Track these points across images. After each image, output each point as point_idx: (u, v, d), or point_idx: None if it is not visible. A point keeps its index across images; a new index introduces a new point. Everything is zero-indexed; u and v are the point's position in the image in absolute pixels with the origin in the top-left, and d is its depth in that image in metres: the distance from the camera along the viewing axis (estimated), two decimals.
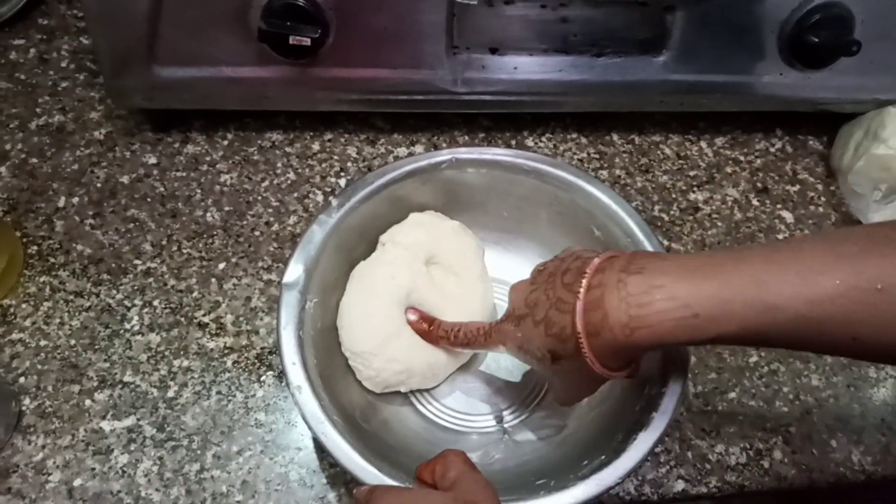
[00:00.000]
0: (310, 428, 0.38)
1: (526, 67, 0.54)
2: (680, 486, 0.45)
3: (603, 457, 0.38)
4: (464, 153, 0.48)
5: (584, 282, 0.34)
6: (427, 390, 0.47)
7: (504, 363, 0.48)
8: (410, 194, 0.48)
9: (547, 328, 0.35)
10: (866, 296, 0.29)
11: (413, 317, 0.45)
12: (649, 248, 0.45)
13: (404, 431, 0.45)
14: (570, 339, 0.34)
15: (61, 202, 0.54)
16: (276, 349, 0.48)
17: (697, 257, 0.33)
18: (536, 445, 0.44)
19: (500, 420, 0.46)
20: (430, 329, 0.44)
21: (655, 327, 0.32)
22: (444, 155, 0.48)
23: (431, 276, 0.46)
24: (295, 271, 0.43)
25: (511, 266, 0.51)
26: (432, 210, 0.49)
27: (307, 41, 0.49)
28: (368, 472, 0.37)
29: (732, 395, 0.49)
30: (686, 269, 0.32)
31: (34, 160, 0.56)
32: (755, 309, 0.30)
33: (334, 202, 0.45)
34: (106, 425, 0.45)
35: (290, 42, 0.49)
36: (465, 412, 0.46)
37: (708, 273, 0.31)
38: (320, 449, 0.43)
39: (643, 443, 0.38)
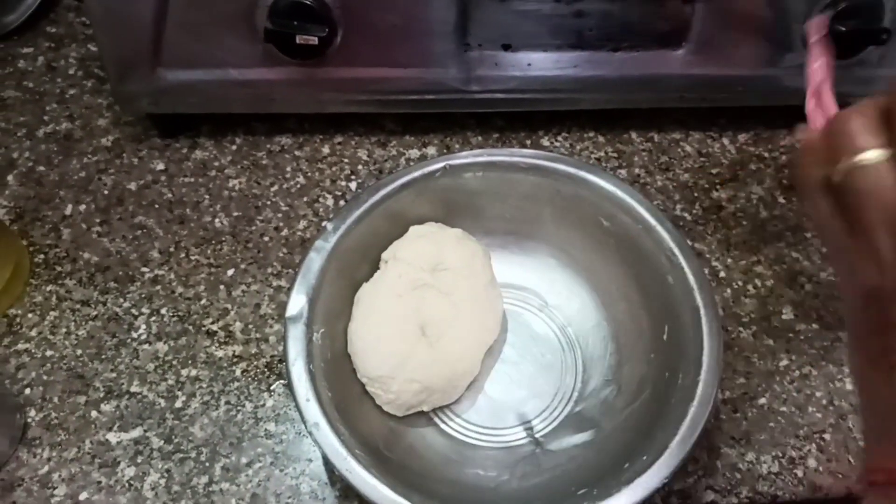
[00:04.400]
0: (333, 466, 0.36)
1: (540, 64, 0.52)
2: (709, 496, 0.43)
3: (645, 457, 0.36)
4: (457, 159, 0.46)
5: None
6: (448, 407, 0.45)
7: (526, 369, 0.46)
8: (407, 208, 0.46)
9: None
10: None
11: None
12: (662, 231, 0.43)
13: (431, 455, 0.43)
14: None
15: (68, 210, 0.53)
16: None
17: None
18: (572, 453, 0.42)
19: (530, 431, 0.44)
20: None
21: None
22: (438, 163, 0.46)
23: (440, 284, 0.44)
24: (297, 303, 0.41)
25: (519, 270, 0.49)
26: (432, 221, 0.47)
27: (314, 40, 0.48)
28: None
29: (762, 400, 0.46)
30: None
31: (41, 168, 0.55)
32: None
33: (329, 226, 0.44)
34: (112, 437, 0.44)
35: (297, 42, 0.48)
36: (491, 426, 0.44)
37: None
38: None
39: (686, 436, 0.36)
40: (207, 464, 0.43)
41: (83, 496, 0.42)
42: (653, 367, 0.43)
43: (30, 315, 0.48)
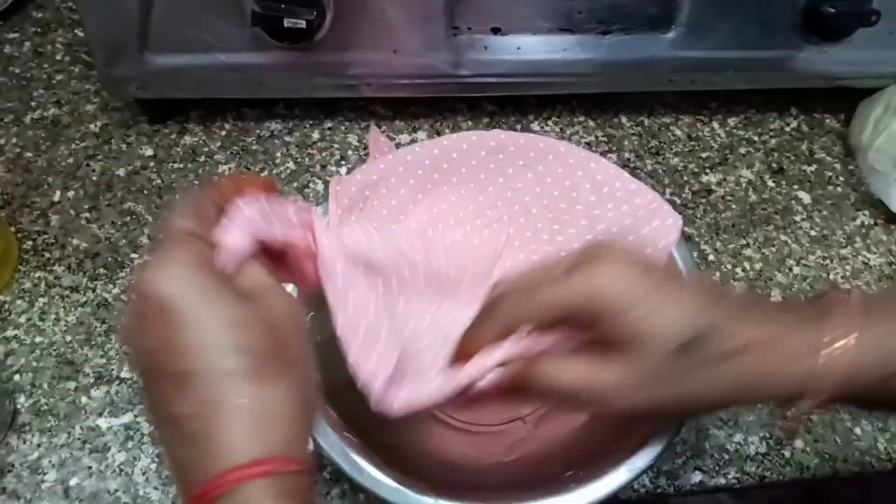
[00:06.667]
0: (321, 448, 0.37)
1: (530, 47, 0.52)
2: (697, 477, 0.43)
3: (632, 438, 0.36)
4: None
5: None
6: None
7: None
8: None
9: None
10: None
11: None
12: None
13: (422, 439, 0.43)
14: None
15: (56, 196, 0.53)
16: None
17: None
18: (561, 434, 0.43)
19: (518, 413, 0.44)
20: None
21: None
22: None
23: None
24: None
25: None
26: None
27: (302, 24, 0.47)
28: (390, 488, 0.36)
29: None
30: None
31: (29, 154, 0.55)
32: None
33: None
34: (103, 422, 0.44)
35: (285, 25, 0.47)
36: (479, 410, 0.44)
37: None
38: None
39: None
40: None
41: (73, 481, 0.42)
42: None
43: (18, 302, 0.48)
